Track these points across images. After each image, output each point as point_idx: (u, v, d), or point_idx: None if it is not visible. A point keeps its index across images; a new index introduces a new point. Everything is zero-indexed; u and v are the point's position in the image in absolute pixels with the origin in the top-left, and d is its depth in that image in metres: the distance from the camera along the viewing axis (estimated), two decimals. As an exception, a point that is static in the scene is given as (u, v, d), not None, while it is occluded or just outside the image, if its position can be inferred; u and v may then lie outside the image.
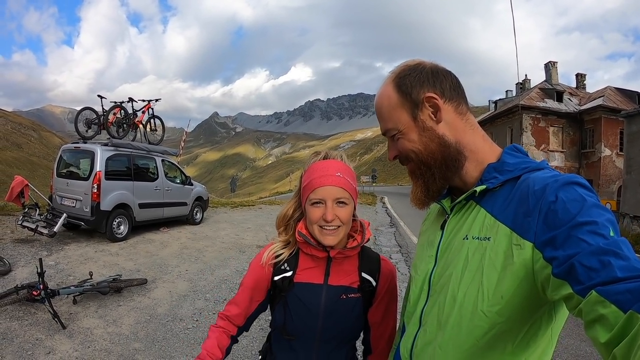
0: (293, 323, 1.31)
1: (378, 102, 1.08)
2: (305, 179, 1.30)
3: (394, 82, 1.03)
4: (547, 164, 0.96)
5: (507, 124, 29.78)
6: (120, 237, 8.84)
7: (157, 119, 11.79)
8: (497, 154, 1.01)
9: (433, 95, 0.99)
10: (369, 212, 18.73)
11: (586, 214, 0.73)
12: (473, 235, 0.93)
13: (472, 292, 0.88)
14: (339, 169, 1.28)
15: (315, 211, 1.25)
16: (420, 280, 1.09)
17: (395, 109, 1.03)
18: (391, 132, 1.06)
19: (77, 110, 9.75)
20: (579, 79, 32.88)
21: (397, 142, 1.06)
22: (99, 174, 8.39)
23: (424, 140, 1.01)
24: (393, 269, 1.45)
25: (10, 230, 8.45)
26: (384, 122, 1.07)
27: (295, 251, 1.38)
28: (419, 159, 1.02)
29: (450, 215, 1.06)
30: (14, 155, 18.10)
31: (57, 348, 4.00)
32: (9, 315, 4.54)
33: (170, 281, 6.39)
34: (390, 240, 10.90)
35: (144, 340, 4.33)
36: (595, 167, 26.25)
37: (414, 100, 1.00)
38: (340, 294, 1.32)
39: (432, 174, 1.02)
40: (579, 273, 0.66)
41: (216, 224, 12.23)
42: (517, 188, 0.88)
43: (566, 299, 0.69)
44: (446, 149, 1.00)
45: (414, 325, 1.07)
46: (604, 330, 0.59)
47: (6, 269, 5.92)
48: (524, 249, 0.80)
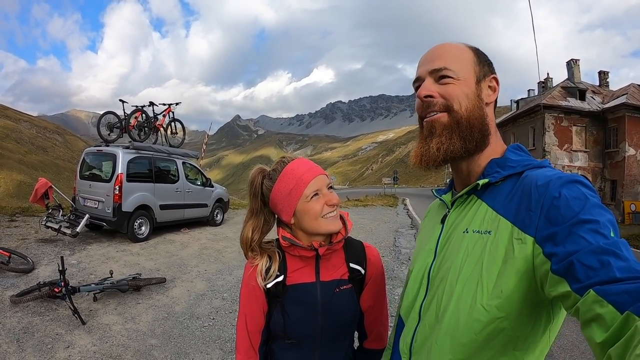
0: (294, 326, 1.30)
1: (445, 46, 1.02)
2: (286, 186, 1.27)
3: (470, 47, 1.03)
4: (549, 163, 0.96)
5: (529, 123, 29.12)
6: (141, 237, 9.00)
7: (178, 122, 11.98)
8: (501, 151, 1.02)
9: (497, 78, 1.02)
10: (390, 213, 18.62)
11: (588, 212, 0.73)
12: (473, 228, 0.93)
13: (471, 285, 0.87)
14: (311, 162, 1.32)
15: (315, 204, 1.25)
16: (420, 274, 1.07)
17: (466, 61, 0.99)
18: (449, 72, 0.97)
19: (99, 115, 9.97)
20: (602, 76, 31.88)
21: (447, 87, 0.98)
22: (120, 176, 8.56)
23: (473, 102, 0.98)
24: (377, 253, 1.46)
25: (34, 231, 8.69)
26: (443, 60, 0.98)
27: (281, 257, 1.35)
28: (463, 114, 0.97)
29: (451, 209, 1.06)
30: (40, 159, 18.63)
31: (76, 342, 4.08)
32: (31, 311, 4.66)
33: (188, 280, 6.46)
34: (410, 242, 10.79)
35: (160, 337, 4.39)
36: (619, 167, 25.37)
37: (485, 70, 1.01)
38: (334, 288, 1.33)
39: (472, 133, 0.97)
40: (577, 271, 0.66)
41: (236, 225, 12.32)
42: (520, 183, 0.88)
43: (563, 296, 0.69)
44: (485, 126, 0.99)
45: (413, 319, 1.06)
46: (600, 330, 0.59)
47: (30, 267, 6.09)
48: (525, 243, 0.80)
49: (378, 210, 20.09)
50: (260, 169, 1.37)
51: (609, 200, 25.72)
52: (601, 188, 26.52)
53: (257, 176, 1.35)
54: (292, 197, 1.26)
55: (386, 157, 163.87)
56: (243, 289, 1.36)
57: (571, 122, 26.90)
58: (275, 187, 1.29)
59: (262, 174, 1.35)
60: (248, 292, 1.34)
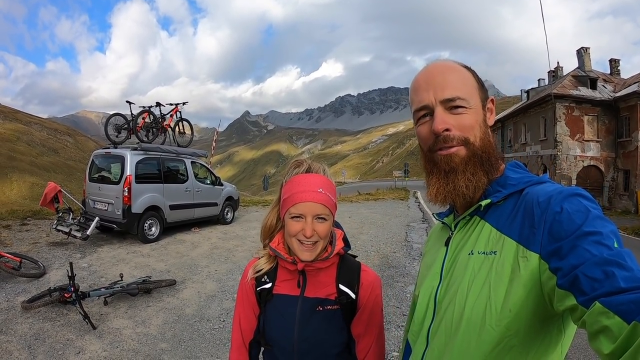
0: (271, 332, 1.33)
1: (452, 68, 0.98)
2: (285, 192, 1.28)
3: (467, 69, 1.00)
4: (549, 178, 0.95)
5: (540, 113, 28.71)
6: (151, 238, 9.04)
7: (186, 122, 11.99)
8: (500, 170, 1.01)
9: (494, 99, 1.01)
10: (401, 207, 18.54)
11: (591, 224, 0.73)
12: (479, 250, 0.92)
13: (480, 307, 0.86)
14: (321, 184, 1.25)
15: (294, 225, 1.24)
16: (426, 298, 1.06)
17: (473, 86, 0.97)
18: (458, 101, 0.93)
19: (107, 116, 10.01)
20: (613, 64, 31.21)
21: (461, 117, 0.94)
22: (129, 177, 8.59)
23: (483, 129, 0.97)
24: (374, 279, 1.41)
25: (45, 234, 8.78)
26: (457, 89, 0.94)
27: (276, 263, 1.38)
28: (479, 144, 0.95)
29: (454, 231, 1.04)
30: (51, 160, 18.81)
31: (86, 348, 4.08)
32: (42, 317, 4.68)
33: (199, 281, 6.46)
34: (422, 237, 10.71)
35: (170, 341, 4.37)
36: (632, 156, 24.76)
37: (485, 94, 0.99)
38: (316, 305, 1.31)
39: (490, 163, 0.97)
40: (582, 284, 0.66)
41: (247, 223, 12.35)
42: (522, 201, 0.88)
43: (571, 310, 0.69)
44: (495, 152, 0.99)
45: (420, 344, 1.05)
46: (607, 341, 0.59)
47: (41, 272, 6.12)
48: (530, 260, 0.80)
49: (389, 204, 20.02)
50: (295, 163, 1.35)
51: (622, 191, 25.33)
52: (614, 178, 26.11)
53: (290, 168, 1.34)
54: (284, 205, 1.27)
55: (396, 149, 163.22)
56: (240, 286, 1.43)
57: (583, 112, 26.43)
58: (283, 187, 1.31)
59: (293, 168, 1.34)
60: (242, 291, 1.41)
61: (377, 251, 8.84)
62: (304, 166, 1.31)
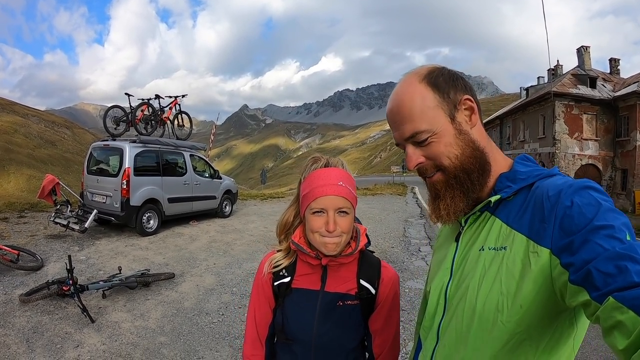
0: (290, 326, 1.32)
1: (403, 100, 0.96)
2: (305, 187, 1.27)
3: (427, 80, 0.95)
4: (559, 170, 0.94)
5: (539, 111, 28.74)
6: (150, 231, 9.02)
7: (185, 115, 11.95)
8: (509, 164, 1.00)
9: (469, 97, 0.96)
10: (399, 202, 18.53)
11: (602, 218, 0.72)
12: (489, 246, 0.91)
13: (491, 302, 0.86)
14: (340, 178, 1.25)
15: (316, 220, 1.23)
16: (436, 294, 1.05)
17: (432, 109, 0.94)
18: (423, 135, 0.94)
19: (106, 109, 9.97)
20: (613, 64, 31.27)
21: (429, 147, 0.95)
22: (127, 170, 8.55)
23: (460, 144, 0.95)
24: (394, 276, 1.42)
25: (43, 227, 8.75)
26: (413, 123, 0.94)
27: (295, 258, 1.37)
28: (456, 165, 0.95)
29: (464, 227, 1.03)
30: (49, 153, 18.62)
31: (85, 341, 4.07)
32: (40, 310, 4.66)
33: (198, 275, 6.45)
34: (420, 232, 10.72)
35: (169, 334, 4.36)
36: (630, 156, 24.86)
37: (452, 100, 0.95)
38: (336, 300, 1.31)
39: (471, 181, 0.95)
40: (595, 279, 0.65)
41: (245, 217, 12.34)
42: (531, 195, 0.87)
43: (584, 305, 0.68)
44: (481, 155, 0.96)
45: (431, 340, 1.05)
46: (622, 336, 0.58)
47: (39, 265, 6.10)
48: (541, 256, 0.79)
49: (387, 199, 20.00)
50: (313, 159, 1.34)
51: (619, 190, 25.44)
52: (612, 177, 26.21)
53: (308, 165, 1.33)
54: (304, 201, 1.26)
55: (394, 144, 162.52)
56: (255, 281, 1.41)
57: (582, 110, 26.47)
58: (303, 182, 1.30)
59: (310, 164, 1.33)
60: (258, 286, 1.39)
61: (375, 246, 8.80)
62: (322, 161, 1.30)
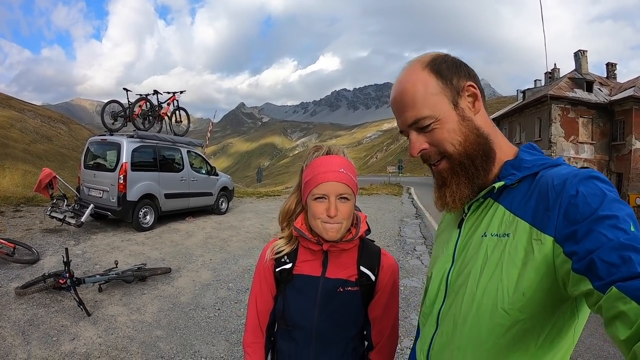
0: (291, 313, 1.33)
1: (406, 88, 0.97)
2: (307, 174, 1.30)
3: (430, 67, 0.96)
4: (564, 160, 0.95)
5: (535, 114, 28.90)
6: (146, 226, 9.00)
7: (182, 111, 11.92)
8: (514, 152, 1.00)
9: (472, 84, 0.97)
10: (395, 202, 18.56)
11: (607, 208, 0.72)
12: (492, 232, 0.91)
13: (492, 289, 0.86)
14: (341, 165, 1.28)
15: (318, 206, 1.26)
16: (438, 280, 1.06)
17: (434, 95, 0.95)
18: (426, 120, 0.95)
19: (103, 104, 9.94)
20: (610, 68, 31.52)
21: (432, 133, 0.96)
22: (125, 165, 8.53)
23: (464, 131, 0.95)
24: (394, 264, 1.44)
25: (39, 221, 8.70)
26: (416, 110, 0.95)
27: (296, 245, 1.39)
28: (460, 151, 0.96)
29: (467, 213, 1.03)
30: (45, 148, 18.64)
31: (81, 334, 4.07)
32: (36, 303, 4.65)
33: (194, 270, 6.45)
34: (415, 232, 10.75)
35: (166, 328, 4.37)
36: (625, 160, 25.12)
37: (455, 87, 0.96)
38: (337, 286, 1.33)
39: (475, 167, 0.96)
40: (599, 268, 0.65)
41: (241, 214, 12.33)
42: (536, 184, 0.87)
43: (586, 295, 0.68)
44: (484, 141, 0.97)
45: (430, 326, 1.05)
46: (624, 327, 0.58)
47: (35, 258, 6.08)
48: (544, 243, 0.79)
49: (383, 199, 20.04)
50: (315, 148, 1.37)
51: (614, 194, 25.69)
52: (607, 181, 26.50)
53: (310, 153, 1.36)
54: (306, 187, 1.29)
55: (391, 145, 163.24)
56: (257, 268, 1.43)
57: (578, 114, 26.66)
58: (304, 170, 1.32)
59: (312, 152, 1.36)
60: (260, 272, 1.41)
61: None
62: (323, 149, 1.32)
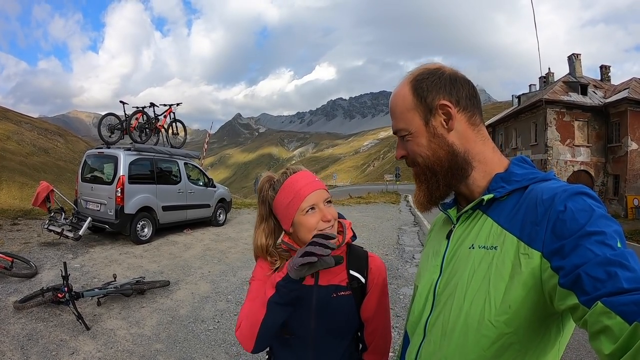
0: (289, 323, 1.34)
1: (393, 100, 1.07)
2: (284, 198, 1.32)
3: (411, 83, 1.02)
4: (554, 175, 0.96)
5: (531, 119, 29.04)
6: (144, 239, 8.99)
7: (179, 123, 11.95)
8: (505, 165, 1.01)
9: (447, 103, 0.98)
10: (393, 210, 18.59)
11: (594, 224, 0.73)
12: (479, 244, 0.93)
13: (479, 301, 0.87)
14: (313, 176, 1.36)
15: (310, 218, 1.28)
16: (425, 290, 1.07)
17: (409, 111, 1.02)
18: (401, 132, 1.05)
19: (100, 117, 9.98)
20: (604, 71, 31.67)
21: (407, 143, 1.05)
22: (122, 178, 8.53)
23: (432, 147, 1.01)
24: (381, 264, 1.47)
25: (37, 234, 8.70)
26: (396, 121, 1.06)
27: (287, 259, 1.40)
28: (425, 164, 1.03)
29: (456, 224, 1.05)
30: (41, 160, 18.56)
31: (80, 349, 4.06)
32: (34, 317, 4.64)
33: (192, 283, 6.44)
34: (414, 240, 10.77)
35: (165, 342, 4.36)
36: (621, 161, 25.18)
37: (427, 106, 1.00)
38: (330, 293, 1.35)
39: (436, 180, 1.02)
40: (585, 283, 0.67)
41: (239, 225, 12.33)
42: (525, 198, 0.89)
43: (572, 309, 0.69)
44: (454, 158, 1.00)
45: (418, 335, 1.06)
46: (608, 341, 0.60)
47: (33, 272, 6.07)
48: (532, 258, 0.80)
49: (380, 208, 20.08)
50: (268, 177, 1.41)
51: (612, 195, 25.69)
52: (604, 183, 26.49)
53: (265, 184, 1.40)
54: (290, 209, 1.30)
55: (388, 153, 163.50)
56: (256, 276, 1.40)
57: (573, 117, 26.76)
58: (276, 197, 1.34)
59: (269, 182, 1.39)
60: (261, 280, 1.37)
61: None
62: (286, 172, 1.38)
